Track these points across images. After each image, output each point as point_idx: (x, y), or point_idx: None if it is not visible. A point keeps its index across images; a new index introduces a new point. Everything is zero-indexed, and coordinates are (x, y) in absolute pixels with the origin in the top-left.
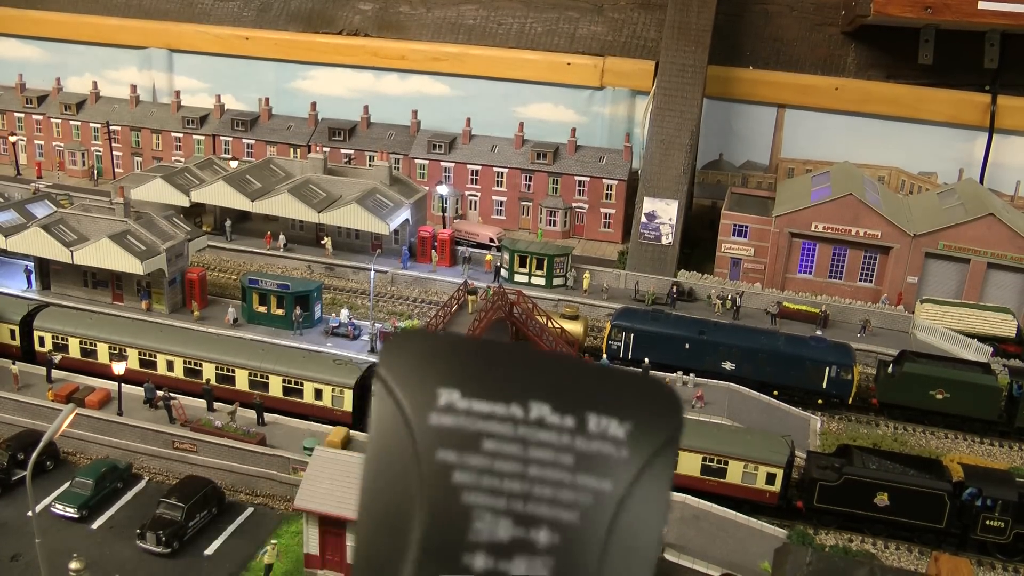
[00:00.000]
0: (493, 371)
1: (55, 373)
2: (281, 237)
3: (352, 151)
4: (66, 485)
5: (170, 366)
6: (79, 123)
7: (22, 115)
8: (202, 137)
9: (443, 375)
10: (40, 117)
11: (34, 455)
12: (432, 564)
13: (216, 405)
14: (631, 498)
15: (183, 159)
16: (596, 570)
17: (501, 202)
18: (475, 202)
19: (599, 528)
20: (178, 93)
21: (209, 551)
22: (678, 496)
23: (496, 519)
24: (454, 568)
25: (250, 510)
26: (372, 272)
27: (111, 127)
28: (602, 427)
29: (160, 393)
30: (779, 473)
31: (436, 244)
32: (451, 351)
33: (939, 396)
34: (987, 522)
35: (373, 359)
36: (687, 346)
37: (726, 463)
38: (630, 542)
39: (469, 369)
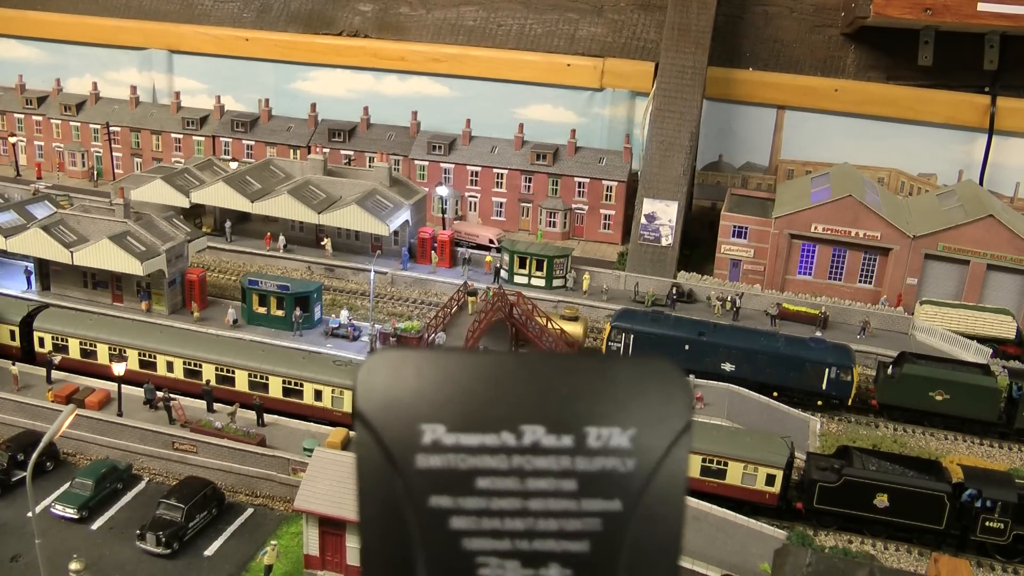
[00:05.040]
0: (478, 394)
1: (55, 374)
2: (281, 238)
3: (352, 152)
4: (66, 486)
5: (170, 367)
6: (79, 124)
7: (22, 116)
8: (202, 138)
9: (425, 407)
10: (40, 118)
11: (34, 456)
12: None
13: (216, 406)
14: (643, 511)
15: (183, 160)
16: None
17: (501, 203)
18: (475, 203)
19: (613, 552)
20: (178, 94)
21: (209, 552)
22: None
23: (502, 562)
24: None
25: (250, 511)
26: (372, 273)
27: (111, 128)
28: (603, 440)
29: (160, 394)
30: (779, 474)
31: (436, 245)
32: (431, 373)
33: (939, 397)
34: (987, 523)
35: None
36: (687, 347)
37: (726, 464)
38: (648, 558)
39: (452, 394)
